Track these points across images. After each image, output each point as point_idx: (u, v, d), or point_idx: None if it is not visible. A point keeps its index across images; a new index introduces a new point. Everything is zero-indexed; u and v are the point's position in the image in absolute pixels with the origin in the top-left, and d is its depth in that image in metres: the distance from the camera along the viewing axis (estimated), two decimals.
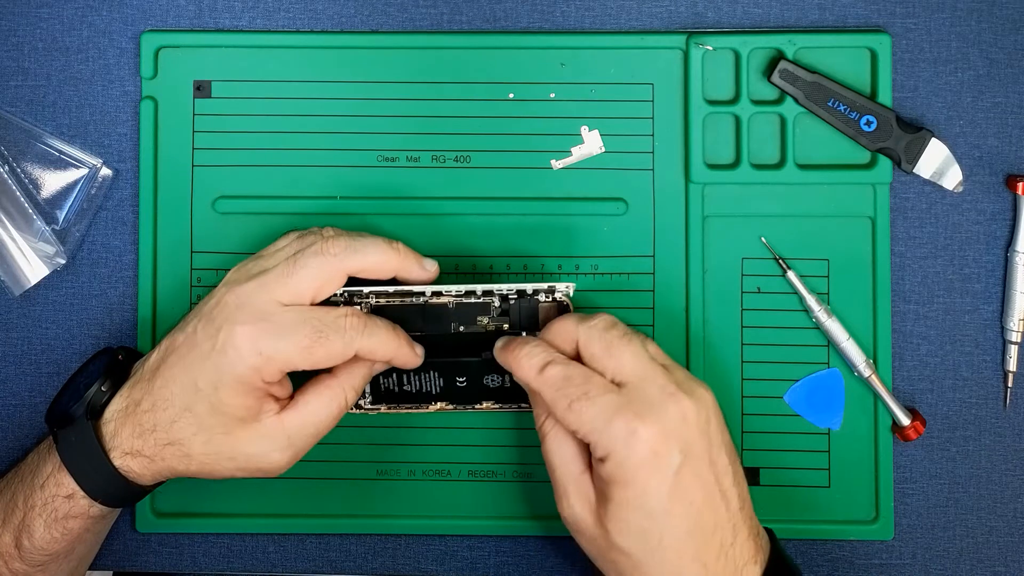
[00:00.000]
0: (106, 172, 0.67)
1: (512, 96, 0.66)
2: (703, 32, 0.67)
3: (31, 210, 0.66)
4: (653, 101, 0.66)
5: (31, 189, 0.67)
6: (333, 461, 0.66)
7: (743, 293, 0.66)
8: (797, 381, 0.66)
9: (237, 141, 0.66)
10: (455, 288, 0.61)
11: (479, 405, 0.64)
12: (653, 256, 0.66)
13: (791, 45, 0.66)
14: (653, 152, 0.66)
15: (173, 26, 0.67)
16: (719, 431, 0.56)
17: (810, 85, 0.65)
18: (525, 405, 0.64)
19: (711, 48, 0.66)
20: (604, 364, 0.56)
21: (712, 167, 0.66)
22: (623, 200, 0.66)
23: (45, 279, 0.67)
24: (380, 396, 0.64)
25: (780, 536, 0.60)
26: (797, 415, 0.66)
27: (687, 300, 0.66)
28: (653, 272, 0.66)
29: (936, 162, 0.65)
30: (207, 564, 0.67)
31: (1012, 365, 0.66)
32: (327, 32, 0.67)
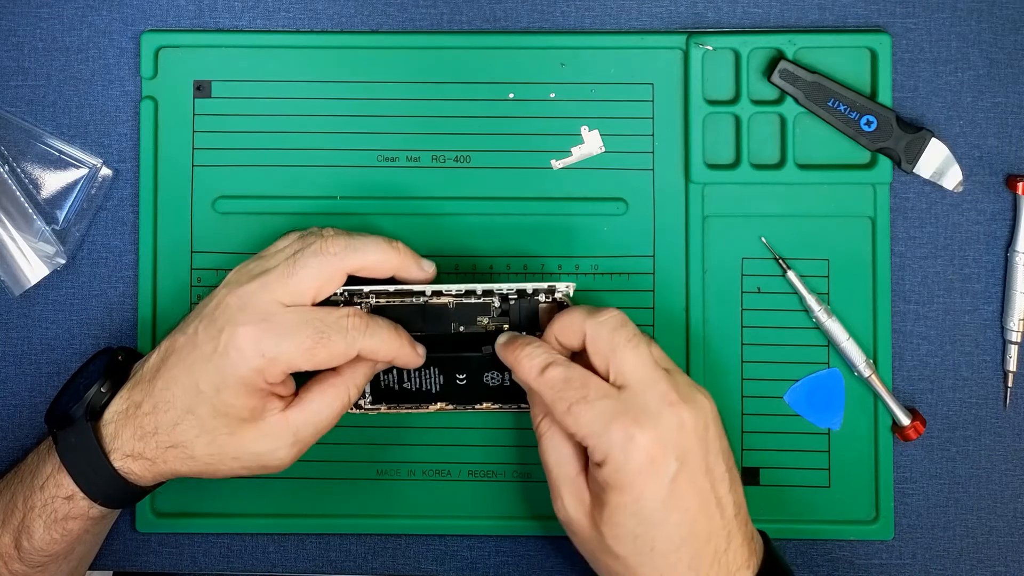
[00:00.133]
0: (106, 172, 0.67)
1: (512, 96, 0.66)
2: (703, 32, 0.67)
3: (31, 210, 0.66)
4: (653, 101, 0.66)
5: (31, 189, 0.66)
6: (333, 461, 0.66)
7: (743, 293, 0.66)
8: (797, 381, 0.66)
9: (237, 141, 0.66)
10: (455, 288, 0.61)
11: (479, 405, 0.64)
12: (653, 256, 0.66)
13: (791, 45, 0.66)
14: (653, 152, 0.66)
15: (173, 26, 0.67)
16: (717, 438, 0.57)
17: (810, 85, 0.65)
18: (524, 405, 0.64)
19: (711, 48, 0.66)
20: (607, 364, 0.56)
21: (712, 167, 0.66)
22: (623, 200, 0.66)
23: (45, 279, 0.67)
24: (380, 394, 0.64)
25: (780, 536, 0.60)
26: (797, 415, 0.66)
27: (687, 300, 0.66)
28: (653, 272, 0.66)
29: (936, 162, 0.65)
30: (207, 564, 0.67)
31: (1012, 365, 0.66)
32: (327, 32, 0.67)
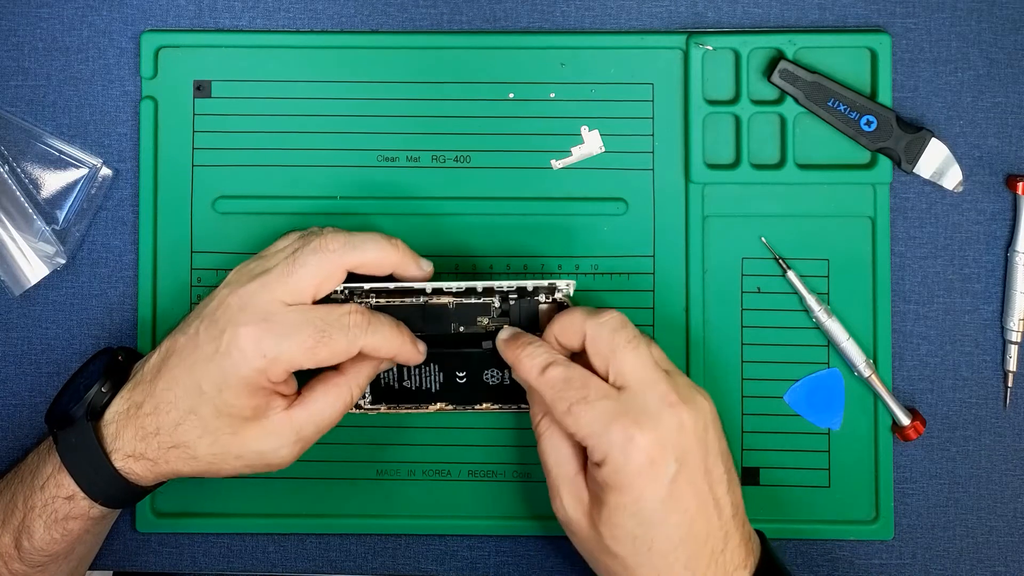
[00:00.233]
0: (106, 172, 0.67)
1: (512, 96, 0.66)
2: (703, 32, 0.67)
3: (31, 210, 0.66)
4: (653, 101, 0.66)
5: (31, 189, 0.66)
6: (333, 461, 0.66)
7: (743, 293, 0.66)
8: (797, 381, 0.66)
9: (237, 141, 0.66)
10: (455, 285, 0.61)
11: (479, 406, 0.64)
12: (653, 256, 0.66)
13: (791, 45, 0.66)
14: (653, 152, 0.66)
15: (173, 26, 0.67)
16: (716, 440, 0.57)
17: (810, 85, 0.65)
18: (524, 406, 0.64)
19: (711, 48, 0.66)
20: (607, 364, 0.56)
21: (712, 167, 0.66)
22: (623, 200, 0.66)
23: (45, 279, 0.67)
24: (380, 393, 0.64)
25: (780, 536, 0.60)
26: (797, 415, 0.66)
27: (687, 300, 0.66)
28: (653, 272, 0.66)
29: (936, 162, 0.65)
30: (207, 564, 0.67)
31: (1012, 365, 0.66)
32: (327, 32, 0.67)
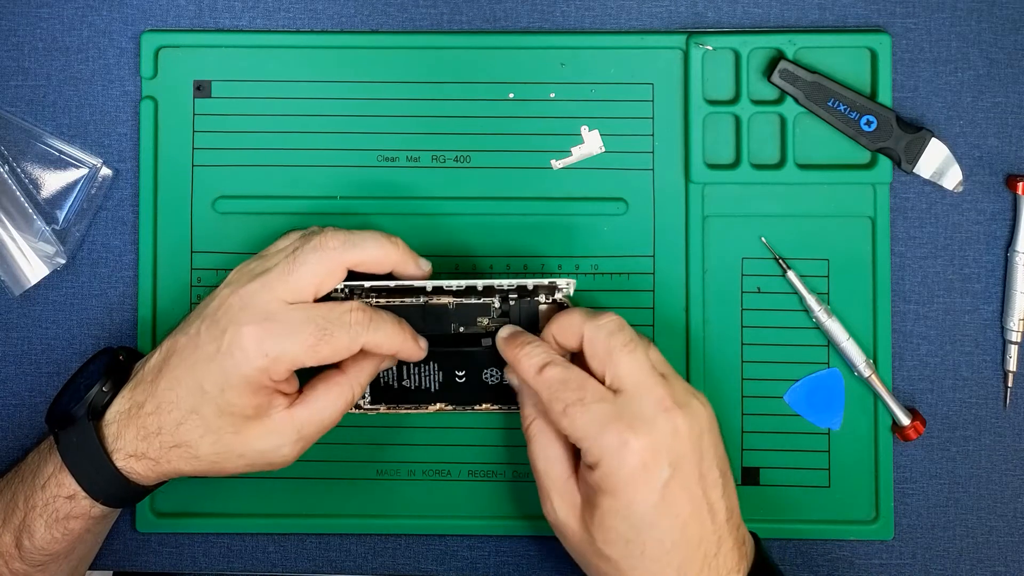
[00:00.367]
0: (106, 172, 0.67)
1: (512, 96, 0.66)
2: (703, 32, 0.67)
3: (31, 210, 0.66)
4: (653, 101, 0.66)
5: (31, 189, 0.66)
6: (333, 461, 0.66)
7: (743, 293, 0.66)
8: (797, 381, 0.66)
9: (237, 141, 0.66)
10: (456, 283, 0.61)
11: (478, 406, 0.64)
12: (653, 256, 0.66)
13: (791, 45, 0.66)
14: (653, 152, 0.66)
15: (173, 26, 0.67)
16: (712, 444, 0.56)
17: (810, 85, 0.65)
18: None
19: (711, 48, 0.66)
20: (604, 367, 0.56)
21: (712, 167, 0.66)
22: (623, 200, 0.66)
23: (45, 279, 0.67)
24: (379, 392, 0.64)
25: (780, 536, 0.60)
26: (797, 415, 0.66)
27: (687, 300, 0.66)
28: (653, 272, 0.66)
29: (936, 162, 0.65)
30: (207, 564, 0.67)
31: (1012, 365, 0.66)
32: (327, 32, 0.67)
